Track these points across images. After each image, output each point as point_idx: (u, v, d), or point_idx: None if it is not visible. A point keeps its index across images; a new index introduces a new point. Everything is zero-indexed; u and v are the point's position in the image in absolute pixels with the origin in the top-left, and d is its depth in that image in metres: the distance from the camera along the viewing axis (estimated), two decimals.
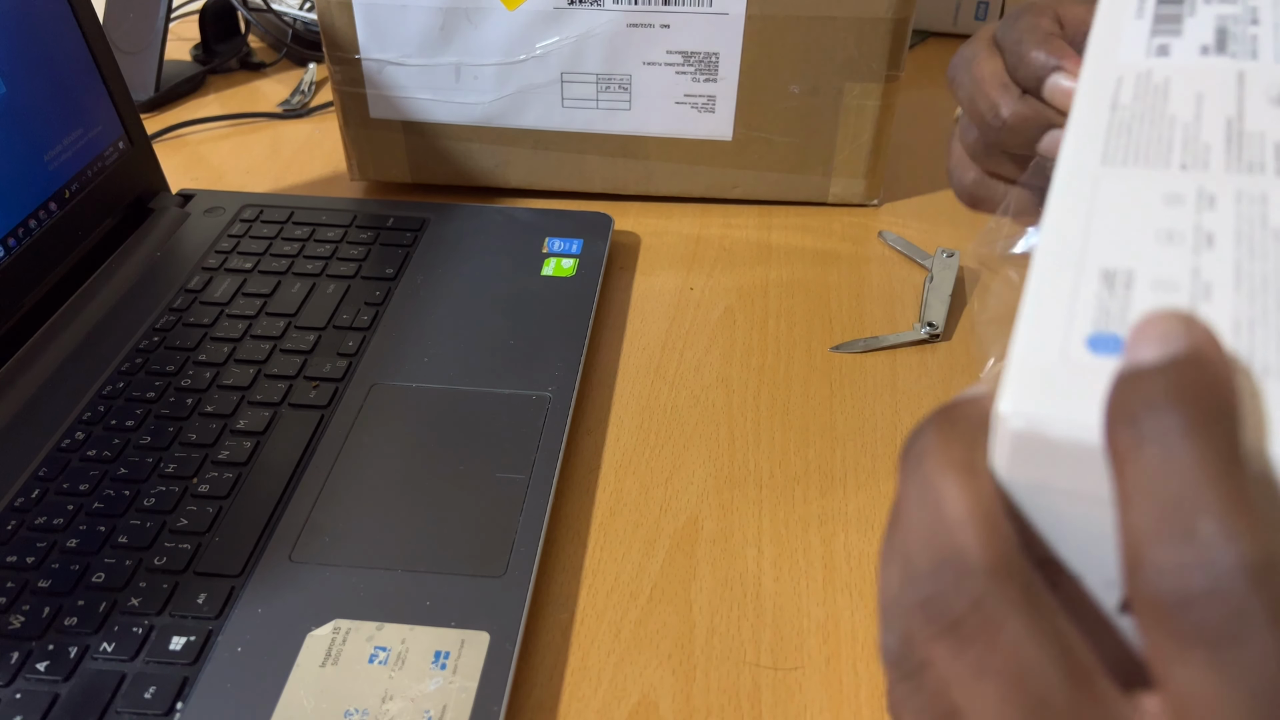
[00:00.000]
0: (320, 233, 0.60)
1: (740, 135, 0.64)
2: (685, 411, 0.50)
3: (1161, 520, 0.16)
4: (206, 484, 0.43)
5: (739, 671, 0.38)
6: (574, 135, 0.65)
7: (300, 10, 0.90)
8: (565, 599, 0.41)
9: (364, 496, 0.43)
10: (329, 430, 0.46)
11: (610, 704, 0.37)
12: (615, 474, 0.47)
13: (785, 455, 0.48)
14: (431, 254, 0.58)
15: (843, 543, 0.43)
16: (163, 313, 0.54)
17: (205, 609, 0.38)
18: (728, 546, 0.43)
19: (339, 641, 0.37)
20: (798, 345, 0.55)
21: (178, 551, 0.40)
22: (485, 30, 0.61)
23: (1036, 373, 0.19)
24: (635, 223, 0.65)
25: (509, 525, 0.41)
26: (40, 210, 0.53)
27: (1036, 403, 0.19)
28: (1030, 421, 0.18)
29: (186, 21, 0.96)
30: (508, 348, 0.51)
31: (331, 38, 0.62)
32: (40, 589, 0.39)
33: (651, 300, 0.58)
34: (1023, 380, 0.19)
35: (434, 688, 0.35)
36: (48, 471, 0.44)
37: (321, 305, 0.54)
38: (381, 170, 0.68)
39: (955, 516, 0.19)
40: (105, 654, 0.36)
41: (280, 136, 0.77)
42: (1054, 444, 0.18)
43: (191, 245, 0.59)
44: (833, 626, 0.40)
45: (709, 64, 0.61)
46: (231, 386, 0.48)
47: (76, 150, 0.56)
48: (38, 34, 0.54)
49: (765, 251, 0.62)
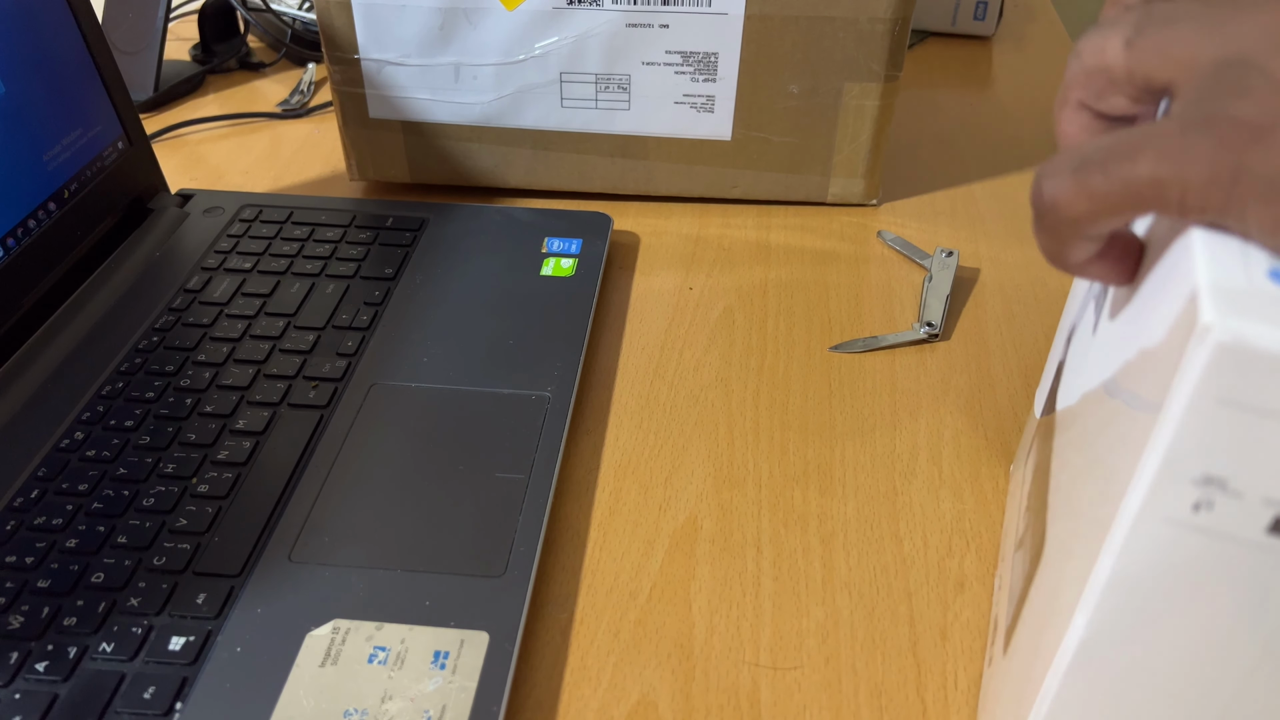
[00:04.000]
0: (319, 233, 0.60)
1: (739, 135, 0.64)
2: (684, 411, 0.50)
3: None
4: (206, 484, 0.43)
5: (738, 671, 0.38)
6: (573, 135, 0.65)
7: (299, 10, 0.90)
8: (564, 599, 0.41)
9: (363, 496, 0.43)
10: (328, 430, 0.46)
11: (610, 704, 0.37)
12: (614, 474, 0.47)
13: (784, 455, 0.48)
14: (431, 254, 0.58)
15: (842, 542, 0.43)
16: (162, 313, 0.54)
17: (204, 609, 0.38)
18: (727, 546, 0.43)
19: (338, 641, 0.37)
20: (797, 345, 0.55)
21: (177, 551, 0.40)
22: (484, 30, 0.61)
23: (1231, 296, 0.20)
24: (634, 223, 0.65)
25: (508, 525, 0.41)
26: (39, 210, 0.53)
27: (1240, 318, 0.19)
28: (1238, 335, 0.19)
29: (185, 21, 0.96)
30: (507, 348, 0.51)
31: (330, 38, 0.62)
32: (39, 589, 0.39)
33: (651, 300, 0.58)
34: (1221, 300, 0.20)
35: (433, 688, 0.35)
36: (47, 471, 0.44)
37: (321, 305, 0.54)
38: (381, 170, 0.68)
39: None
40: (104, 654, 0.36)
41: (279, 136, 0.77)
42: (1261, 357, 0.19)
43: (191, 245, 0.59)
44: (832, 626, 0.40)
45: (708, 64, 0.62)
46: (231, 386, 0.48)
47: (76, 150, 0.56)
48: (37, 34, 0.54)
49: (764, 251, 0.63)
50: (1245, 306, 0.20)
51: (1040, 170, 0.25)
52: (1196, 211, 0.22)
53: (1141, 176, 0.22)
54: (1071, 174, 0.23)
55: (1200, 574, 0.22)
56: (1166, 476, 0.21)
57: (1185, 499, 0.21)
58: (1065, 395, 0.34)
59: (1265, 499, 0.20)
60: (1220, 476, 0.20)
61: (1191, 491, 0.21)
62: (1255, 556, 0.21)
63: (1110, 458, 0.24)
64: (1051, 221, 0.24)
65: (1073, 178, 0.23)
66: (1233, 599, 0.22)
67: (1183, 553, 0.22)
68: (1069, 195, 0.23)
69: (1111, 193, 0.23)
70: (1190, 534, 0.21)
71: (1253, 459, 0.20)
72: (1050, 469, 0.33)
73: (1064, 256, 0.25)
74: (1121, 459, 0.23)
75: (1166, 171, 0.22)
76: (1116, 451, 0.24)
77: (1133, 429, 0.23)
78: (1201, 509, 0.21)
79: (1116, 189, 0.23)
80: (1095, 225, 0.24)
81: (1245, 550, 0.21)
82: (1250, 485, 0.20)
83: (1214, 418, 0.20)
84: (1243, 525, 0.21)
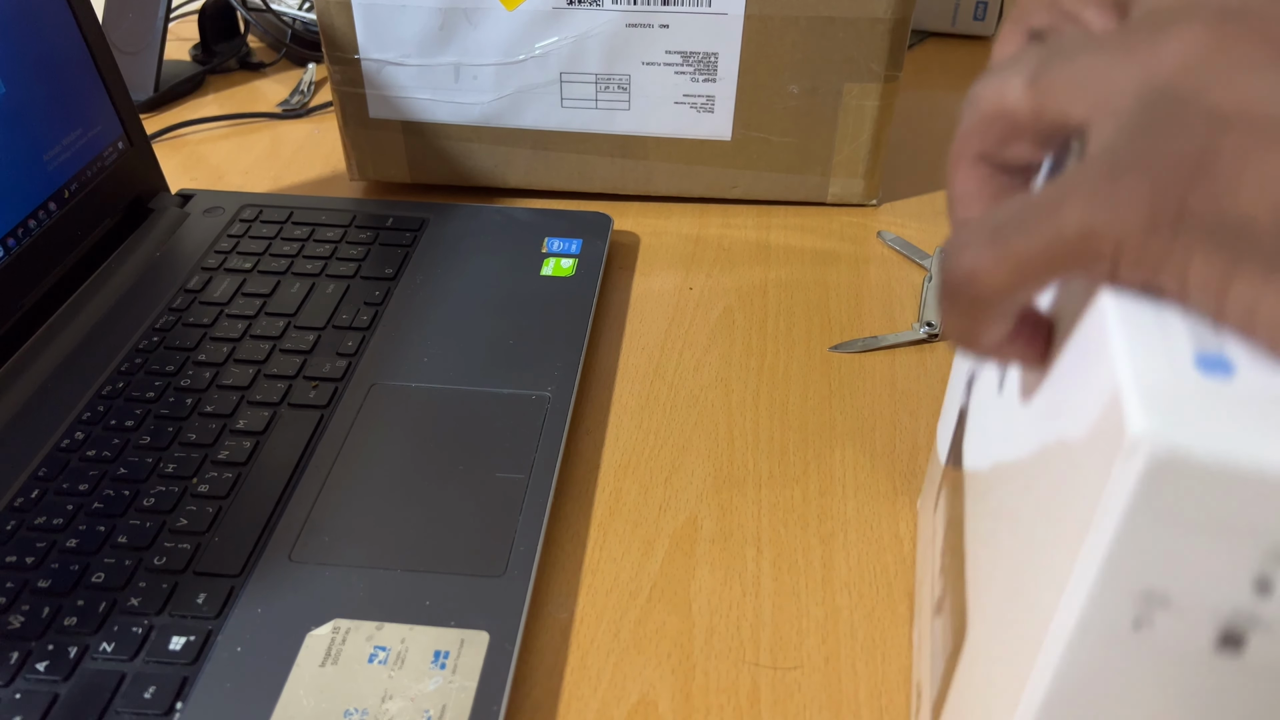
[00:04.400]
0: (320, 233, 0.60)
1: (739, 135, 0.64)
2: (684, 411, 0.50)
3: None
4: (206, 484, 0.43)
5: (738, 671, 0.38)
6: (573, 135, 0.65)
7: (299, 10, 0.90)
8: (565, 598, 0.41)
9: (363, 496, 0.43)
10: (328, 430, 0.46)
11: (609, 703, 0.37)
12: (614, 474, 0.47)
13: (784, 455, 0.48)
14: (431, 254, 0.58)
15: (842, 542, 0.43)
16: (162, 313, 0.54)
17: (205, 609, 0.38)
18: (727, 546, 0.43)
19: (339, 641, 0.37)
20: (797, 345, 0.55)
21: (177, 551, 0.40)
22: (484, 30, 0.61)
23: (1158, 395, 0.18)
24: (634, 223, 0.65)
25: (508, 525, 0.41)
26: (40, 210, 0.53)
27: (1173, 425, 0.17)
28: (1172, 448, 0.17)
29: (185, 21, 0.96)
30: (507, 347, 0.51)
31: (331, 38, 0.62)
32: (40, 589, 0.39)
33: (651, 300, 0.58)
34: (1149, 403, 0.17)
35: (433, 687, 0.35)
36: (47, 471, 0.44)
37: (321, 305, 0.54)
38: (381, 170, 0.68)
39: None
40: (105, 654, 0.36)
41: (279, 136, 0.77)
42: (1197, 469, 0.17)
43: (191, 245, 0.59)
44: (832, 626, 0.40)
45: (708, 64, 0.62)
46: (231, 386, 0.49)
47: (76, 150, 0.56)
48: (37, 34, 0.54)
49: (764, 251, 0.63)
50: (1175, 408, 0.17)
51: (949, 245, 0.22)
52: (1132, 267, 0.19)
53: (1070, 229, 0.19)
54: (989, 241, 0.21)
55: (1144, 691, 0.20)
56: (1102, 594, 0.19)
57: (1124, 615, 0.19)
58: (972, 454, 0.31)
59: (1211, 614, 0.19)
60: (1161, 592, 0.19)
61: (1130, 608, 0.19)
62: (1202, 674, 0.20)
63: (1038, 558, 0.22)
64: (966, 298, 0.21)
65: (990, 245, 0.21)
66: (1182, 713, 0.20)
67: (1124, 670, 0.20)
68: (988, 263, 0.21)
69: (1036, 253, 0.20)
70: (1132, 651, 0.20)
71: (1195, 574, 0.18)
72: (964, 535, 0.31)
73: (977, 338, 0.22)
74: (1051, 564, 0.21)
75: (1099, 220, 0.19)
76: (1045, 554, 0.22)
77: (1061, 534, 0.21)
78: (1142, 625, 0.19)
79: (1040, 247, 0.20)
80: (1016, 294, 0.21)
81: (1192, 665, 0.20)
82: (1194, 601, 0.19)
83: (1150, 533, 0.18)
84: (1187, 640, 0.19)
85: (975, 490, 0.30)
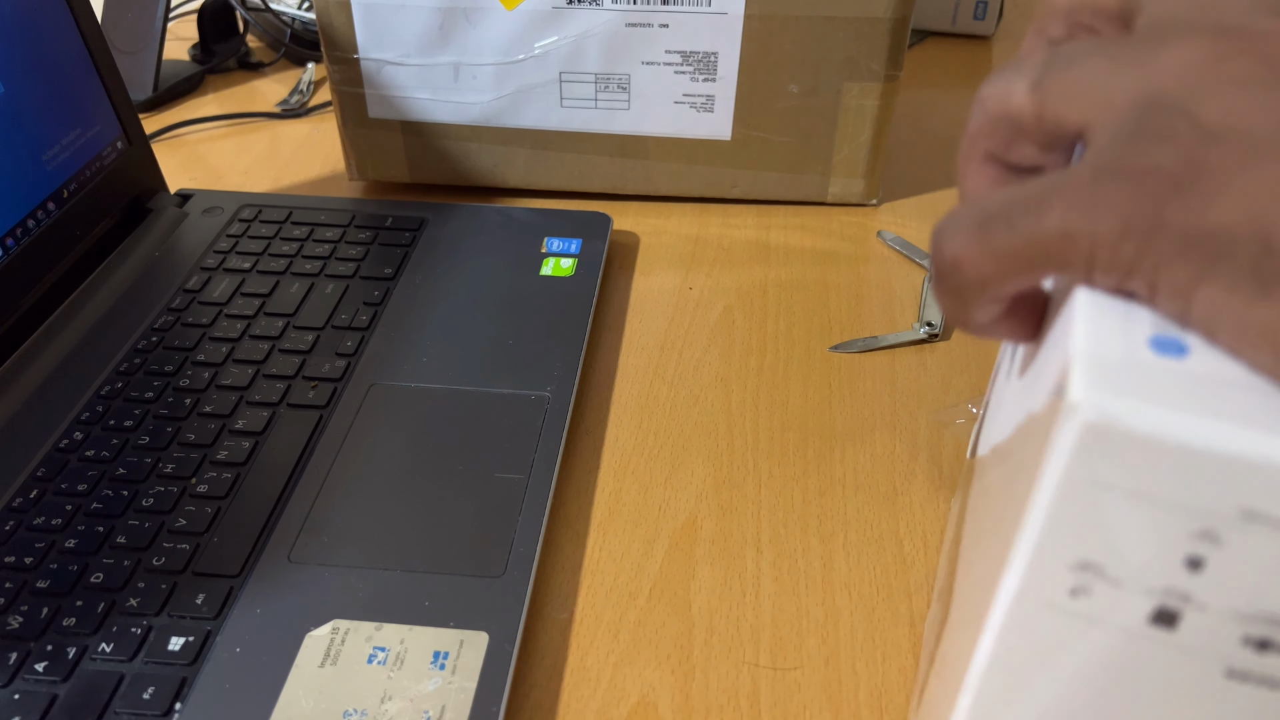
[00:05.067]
0: (319, 232, 0.60)
1: (739, 135, 0.64)
2: (684, 411, 0.50)
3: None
4: (205, 484, 0.43)
5: (738, 672, 0.38)
6: (573, 135, 0.65)
7: (298, 10, 0.90)
8: (564, 599, 0.41)
9: (363, 496, 0.43)
10: (327, 430, 0.46)
11: (609, 704, 0.37)
12: (614, 474, 0.47)
13: (784, 455, 0.48)
14: (430, 254, 0.58)
15: (842, 543, 0.43)
16: (161, 313, 0.53)
17: (204, 609, 0.38)
18: (727, 547, 0.43)
19: (338, 642, 0.37)
20: (797, 345, 0.55)
21: (176, 552, 0.40)
22: (484, 30, 0.61)
23: (1104, 368, 0.18)
24: (634, 222, 0.65)
25: (508, 525, 0.41)
26: (38, 210, 0.53)
27: (1111, 394, 0.18)
28: (1106, 414, 0.17)
29: (185, 21, 0.95)
30: (506, 348, 0.51)
31: (330, 37, 0.62)
32: (39, 589, 0.39)
33: (650, 300, 0.58)
34: (1093, 374, 0.18)
35: (433, 688, 0.35)
36: (46, 472, 0.44)
37: (320, 305, 0.54)
38: (380, 170, 0.68)
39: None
40: (104, 654, 0.36)
41: (279, 136, 0.77)
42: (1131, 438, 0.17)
43: (190, 245, 0.59)
44: (832, 626, 0.40)
45: (708, 64, 0.61)
46: (230, 386, 0.48)
47: (75, 150, 0.56)
48: (36, 34, 0.54)
49: (764, 251, 0.62)
50: (1118, 380, 0.18)
51: (939, 226, 0.22)
52: (1105, 270, 0.20)
53: (1049, 230, 0.20)
54: (975, 231, 0.21)
55: (1082, 659, 0.20)
56: (1041, 560, 0.19)
57: (1062, 584, 0.20)
58: (983, 441, 0.32)
59: (1145, 588, 0.19)
60: (1097, 562, 0.19)
61: (1068, 576, 0.19)
62: (1137, 646, 0.20)
63: (998, 528, 0.23)
64: (954, 283, 0.22)
65: (976, 236, 0.21)
66: (1117, 685, 0.21)
67: (1063, 637, 0.20)
68: (972, 255, 0.21)
69: (1017, 251, 0.20)
70: (1070, 619, 0.20)
71: (1130, 545, 0.18)
72: (965, 522, 0.31)
73: (968, 318, 0.23)
74: (1005, 533, 0.21)
75: (1076, 223, 0.20)
76: (1003, 523, 0.22)
77: (1011, 503, 0.21)
78: (1079, 595, 0.19)
79: (1022, 245, 0.20)
80: (1001, 286, 0.21)
81: (1127, 639, 0.20)
82: (1128, 573, 0.19)
83: (1086, 501, 0.18)
84: (1122, 614, 0.19)
85: (979, 474, 0.31)
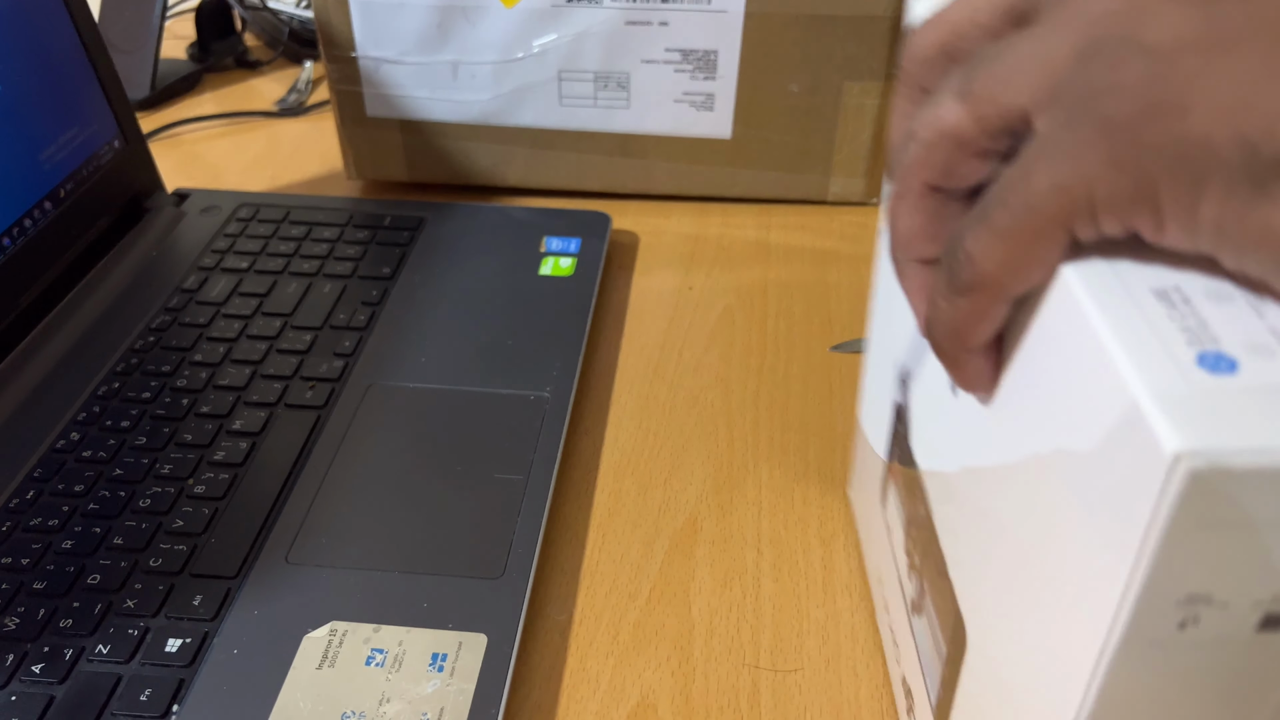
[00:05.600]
0: (317, 232, 0.60)
1: (739, 134, 0.64)
2: (684, 411, 0.50)
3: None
4: (202, 485, 0.43)
5: (738, 673, 0.38)
6: (572, 134, 0.65)
7: (296, 8, 0.90)
8: (563, 600, 0.41)
9: (361, 497, 0.43)
10: (325, 431, 0.46)
11: (609, 706, 0.37)
12: (613, 474, 0.47)
13: (784, 455, 0.47)
14: (428, 253, 0.58)
15: (842, 543, 0.43)
16: (158, 313, 0.53)
17: (201, 611, 0.38)
18: (727, 547, 0.43)
19: (336, 643, 0.37)
20: (797, 345, 0.54)
21: (173, 553, 0.40)
22: (483, 28, 0.61)
23: (1178, 405, 0.18)
24: (634, 222, 0.65)
25: (507, 526, 0.41)
26: (35, 209, 0.53)
27: (1203, 436, 0.17)
28: (1211, 460, 0.17)
29: (182, 19, 0.95)
30: (505, 348, 0.51)
31: (328, 36, 0.62)
32: (35, 591, 0.38)
33: (650, 300, 0.58)
34: (1174, 415, 0.17)
35: (431, 690, 0.35)
36: (43, 472, 0.43)
37: (318, 305, 0.54)
38: (378, 169, 0.67)
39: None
40: (101, 656, 0.36)
41: (276, 135, 0.77)
42: (1237, 477, 0.17)
43: (187, 245, 0.59)
44: (832, 628, 0.40)
45: (708, 62, 0.61)
46: (227, 387, 0.48)
47: (72, 149, 0.56)
48: (33, 33, 0.53)
49: (764, 251, 0.62)
50: (1201, 418, 0.17)
51: (954, 232, 0.22)
52: (1107, 208, 0.19)
53: (1041, 190, 0.20)
54: (978, 225, 0.21)
55: (1191, 680, 0.21)
56: (1147, 606, 0.19)
57: (1169, 621, 0.20)
58: (928, 455, 0.31)
59: (1253, 602, 0.19)
60: (1205, 593, 0.19)
61: (1175, 613, 0.19)
62: (1247, 651, 0.20)
63: (1055, 569, 0.22)
64: (969, 278, 0.22)
65: (979, 225, 0.21)
66: (1229, 691, 0.21)
67: (1171, 667, 0.20)
68: (983, 244, 0.21)
69: (1020, 223, 0.20)
70: (1177, 650, 0.20)
71: (1237, 569, 0.19)
72: (939, 538, 0.31)
73: (976, 328, 0.23)
74: (1079, 577, 0.21)
75: (1064, 174, 0.19)
76: (1065, 565, 0.22)
77: (1084, 545, 0.21)
78: (1188, 626, 0.20)
79: (1022, 215, 0.20)
80: (1016, 274, 0.21)
81: (1236, 649, 0.20)
82: (1236, 594, 0.19)
83: (1193, 542, 0.18)
84: (1231, 630, 0.20)
85: (940, 491, 0.30)
